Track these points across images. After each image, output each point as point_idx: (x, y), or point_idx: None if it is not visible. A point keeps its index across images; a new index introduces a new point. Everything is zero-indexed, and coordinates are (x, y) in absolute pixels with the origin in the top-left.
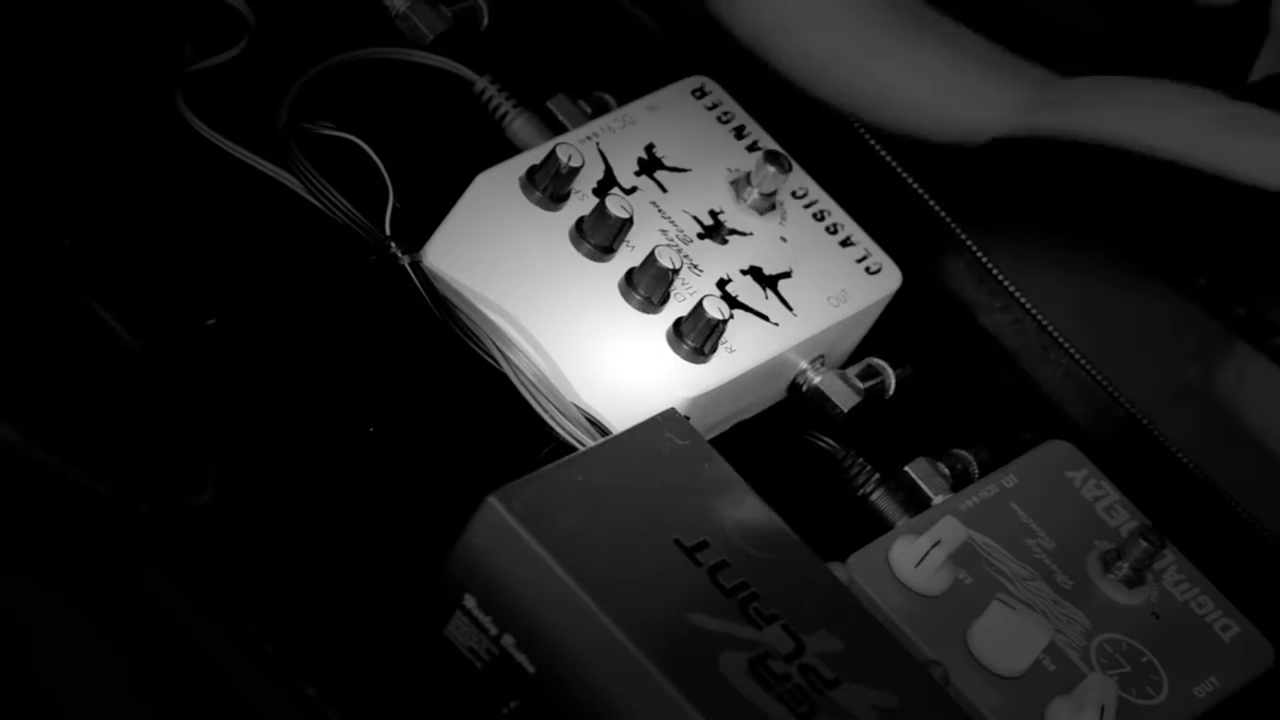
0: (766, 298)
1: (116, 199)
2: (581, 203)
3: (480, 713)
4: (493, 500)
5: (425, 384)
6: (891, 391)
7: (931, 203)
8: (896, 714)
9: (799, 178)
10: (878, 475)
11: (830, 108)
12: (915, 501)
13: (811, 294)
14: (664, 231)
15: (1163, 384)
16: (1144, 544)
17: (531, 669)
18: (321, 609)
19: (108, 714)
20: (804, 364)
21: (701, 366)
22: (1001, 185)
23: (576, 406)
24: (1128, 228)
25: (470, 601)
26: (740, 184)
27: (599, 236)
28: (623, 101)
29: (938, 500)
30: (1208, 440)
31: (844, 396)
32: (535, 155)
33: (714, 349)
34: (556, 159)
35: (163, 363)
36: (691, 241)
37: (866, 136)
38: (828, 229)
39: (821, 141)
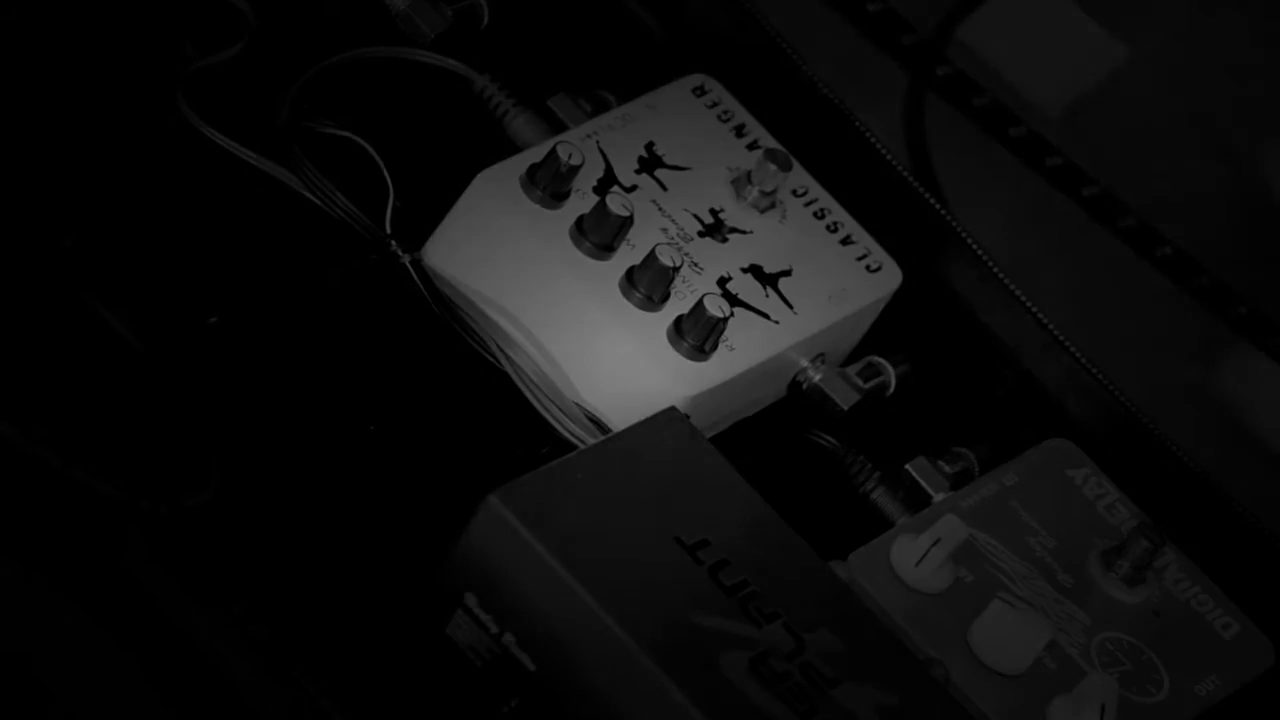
0: (767, 296)
1: (117, 197)
2: (582, 201)
3: (481, 711)
4: (493, 499)
5: (426, 383)
6: (892, 389)
7: (932, 200)
8: (897, 712)
9: (799, 176)
10: (878, 473)
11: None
12: (916, 499)
13: (812, 292)
14: (664, 230)
15: (1164, 382)
16: (1145, 542)
17: (532, 667)
18: (322, 607)
19: (110, 712)
20: (804, 362)
21: (702, 364)
22: None
23: (577, 405)
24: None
25: (471, 600)
26: (740, 182)
27: (599, 235)
28: (623, 100)
29: (938, 498)
30: (1208, 438)
31: (844, 395)
32: (535, 154)
33: (714, 347)
34: (557, 157)
35: (164, 361)
36: (692, 240)
37: (867, 134)
38: (828, 227)
39: (822, 140)
